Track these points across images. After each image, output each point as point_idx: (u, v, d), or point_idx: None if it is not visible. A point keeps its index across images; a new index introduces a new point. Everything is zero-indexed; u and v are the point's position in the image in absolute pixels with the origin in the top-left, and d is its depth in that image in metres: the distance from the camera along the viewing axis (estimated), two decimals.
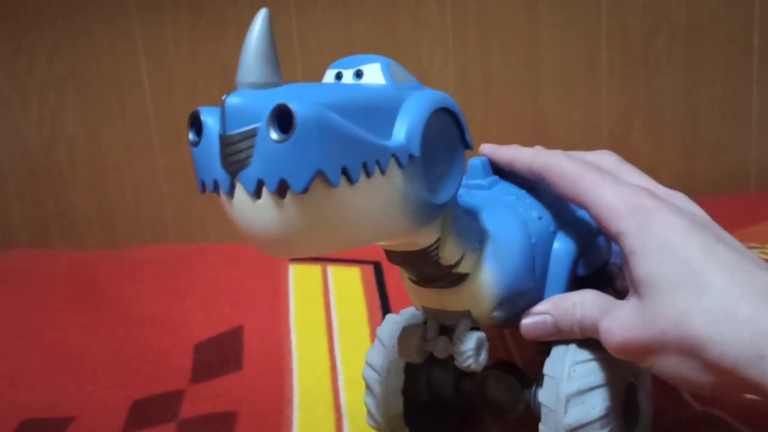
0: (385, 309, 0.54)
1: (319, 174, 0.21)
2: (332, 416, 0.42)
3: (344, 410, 0.43)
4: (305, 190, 0.21)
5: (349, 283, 0.58)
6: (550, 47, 0.81)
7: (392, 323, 0.36)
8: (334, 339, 0.51)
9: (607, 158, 0.33)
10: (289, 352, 0.50)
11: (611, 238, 0.29)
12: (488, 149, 0.34)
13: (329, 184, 0.21)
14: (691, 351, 0.25)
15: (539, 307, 0.31)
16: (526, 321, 0.31)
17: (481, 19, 0.81)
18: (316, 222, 0.22)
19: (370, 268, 0.59)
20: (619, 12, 0.81)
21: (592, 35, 0.81)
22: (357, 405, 0.43)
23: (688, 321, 0.25)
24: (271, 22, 0.22)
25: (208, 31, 0.80)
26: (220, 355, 0.51)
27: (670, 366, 0.26)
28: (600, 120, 0.83)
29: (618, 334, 0.27)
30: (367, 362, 0.36)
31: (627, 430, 0.32)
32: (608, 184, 0.29)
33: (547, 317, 0.30)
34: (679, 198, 0.30)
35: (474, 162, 0.34)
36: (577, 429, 0.29)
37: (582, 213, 0.34)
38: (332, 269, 0.60)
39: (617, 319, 0.27)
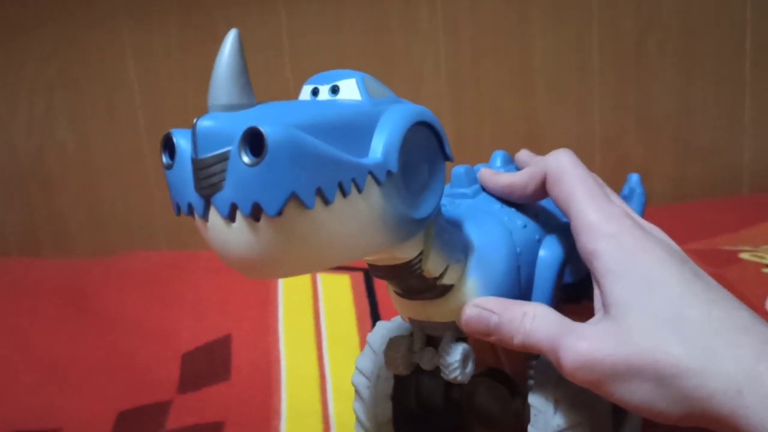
0: (375, 317, 0.54)
1: (293, 196, 0.21)
2: (320, 426, 0.42)
3: (332, 420, 0.43)
4: (279, 213, 0.21)
5: (338, 291, 0.57)
6: (542, 51, 0.81)
7: (383, 330, 0.36)
8: (323, 348, 0.51)
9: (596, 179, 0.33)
10: (277, 361, 0.50)
11: (584, 254, 0.28)
12: (486, 181, 0.33)
13: (304, 206, 0.21)
14: (665, 379, 0.24)
15: (487, 302, 0.29)
16: (470, 312, 0.29)
17: (472, 24, 0.80)
18: (292, 244, 0.22)
19: (360, 276, 0.59)
20: (610, 16, 0.81)
21: (584, 39, 0.81)
22: (345, 415, 0.43)
23: (666, 348, 0.24)
24: (242, 43, 0.22)
25: (197, 35, 0.80)
26: (208, 364, 0.51)
27: (638, 393, 0.25)
28: (592, 124, 0.83)
29: (584, 353, 0.25)
30: (356, 368, 0.36)
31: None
32: (596, 202, 0.28)
33: (494, 316, 0.28)
34: (658, 231, 0.30)
35: (458, 170, 0.33)
36: (565, 430, 0.29)
37: (567, 220, 0.34)
38: (322, 276, 0.60)
39: (585, 337, 0.26)
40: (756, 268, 0.55)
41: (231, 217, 0.21)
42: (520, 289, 0.31)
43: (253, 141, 0.20)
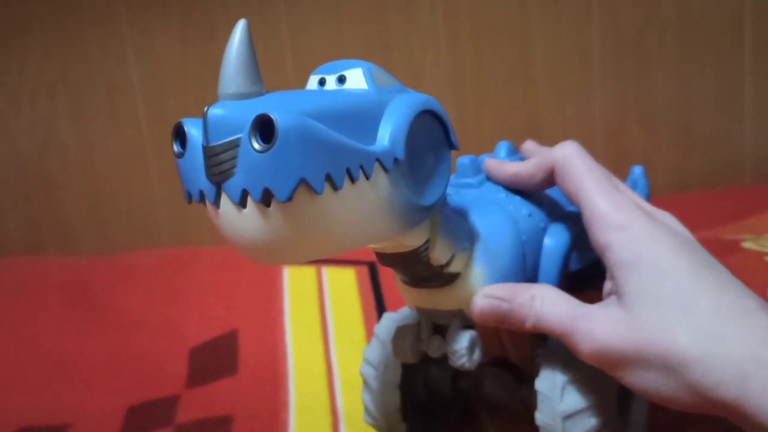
0: (381, 310, 0.54)
1: (303, 182, 0.21)
2: (329, 419, 0.42)
3: (341, 412, 0.43)
4: (289, 199, 0.21)
5: (343, 285, 0.58)
6: (542, 43, 0.81)
7: (390, 321, 0.37)
8: (329, 341, 0.51)
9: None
10: (284, 355, 0.50)
11: (596, 246, 0.29)
12: (492, 170, 0.34)
13: (313, 191, 0.21)
14: (671, 367, 0.25)
15: (496, 291, 0.29)
16: (482, 302, 0.29)
17: (472, 17, 0.80)
18: (302, 229, 0.22)
19: (365, 269, 0.59)
20: (610, 6, 0.81)
21: (584, 30, 0.81)
22: (353, 407, 0.43)
23: (674, 337, 0.25)
24: (250, 33, 0.22)
25: (198, 32, 0.80)
26: (216, 359, 0.51)
27: (647, 380, 0.25)
28: (593, 115, 0.83)
29: (599, 340, 0.26)
30: (364, 358, 0.37)
31: (622, 420, 0.32)
32: (608, 191, 0.29)
33: (504, 303, 0.29)
34: (668, 218, 0.30)
35: (463, 161, 0.34)
36: (572, 416, 0.29)
37: (573, 207, 0.34)
38: (327, 271, 0.60)
39: (599, 324, 0.27)
40: (758, 257, 0.55)
41: (242, 204, 0.22)
42: (526, 277, 0.31)
43: (264, 128, 0.21)
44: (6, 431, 0.45)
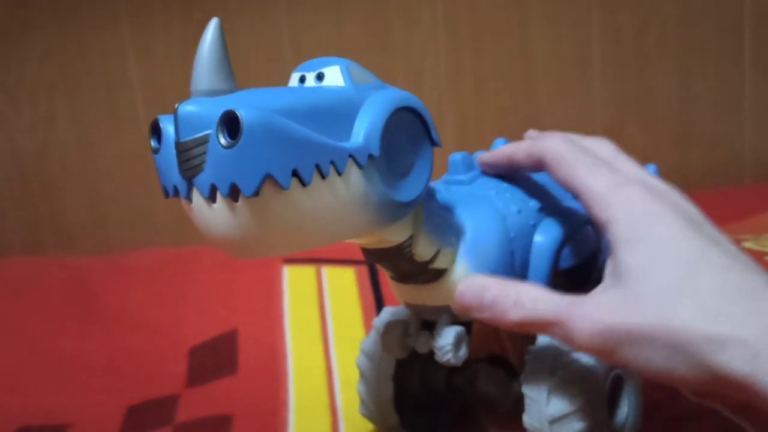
0: (380, 310, 0.54)
1: (269, 177, 0.22)
2: (328, 418, 0.42)
3: (340, 412, 0.43)
4: (256, 194, 0.22)
5: (343, 285, 0.58)
6: (542, 43, 0.81)
7: (389, 314, 0.37)
8: (329, 341, 0.51)
9: (604, 147, 0.32)
10: (283, 354, 0.50)
11: (599, 225, 0.28)
12: (486, 158, 0.34)
13: (280, 187, 0.22)
14: (681, 345, 0.24)
15: (483, 279, 0.29)
16: (464, 287, 0.28)
17: (472, 17, 0.81)
18: (270, 224, 0.23)
19: (365, 269, 0.59)
20: (610, 6, 0.81)
21: (584, 30, 0.81)
22: (353, 406, 0.43)
23: (682, 316, 0.24)
24: (223, 31, 0.23)
25: (199, 33, 0.79)
26: (215, 358, 0.51)
27: (655, 359, 0.24)
28: (593, 115, 0.83)
29: (598, 321, 0.25)
30: (361, 350, 0.37)
31: (613, 422, 0.32)
32: (603, 172, 0.28)
33: (489, 291, 0.28)
34: (674, 194, 0.29)
35: (454, 157, 0.34)
36: (559, 419, 0.29)
37: (568, 204, 0.34)
38: (327, 270, 0.60)
39: (597, 305, 0.25)
40: (758, 257, 0.55)
41: (212, 198, 0.22)
42: (514, 274, 0.31)
43: (230, 124, 0.21)
44: (6, 431, 0.45)
